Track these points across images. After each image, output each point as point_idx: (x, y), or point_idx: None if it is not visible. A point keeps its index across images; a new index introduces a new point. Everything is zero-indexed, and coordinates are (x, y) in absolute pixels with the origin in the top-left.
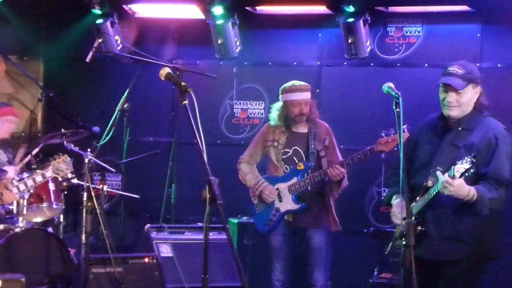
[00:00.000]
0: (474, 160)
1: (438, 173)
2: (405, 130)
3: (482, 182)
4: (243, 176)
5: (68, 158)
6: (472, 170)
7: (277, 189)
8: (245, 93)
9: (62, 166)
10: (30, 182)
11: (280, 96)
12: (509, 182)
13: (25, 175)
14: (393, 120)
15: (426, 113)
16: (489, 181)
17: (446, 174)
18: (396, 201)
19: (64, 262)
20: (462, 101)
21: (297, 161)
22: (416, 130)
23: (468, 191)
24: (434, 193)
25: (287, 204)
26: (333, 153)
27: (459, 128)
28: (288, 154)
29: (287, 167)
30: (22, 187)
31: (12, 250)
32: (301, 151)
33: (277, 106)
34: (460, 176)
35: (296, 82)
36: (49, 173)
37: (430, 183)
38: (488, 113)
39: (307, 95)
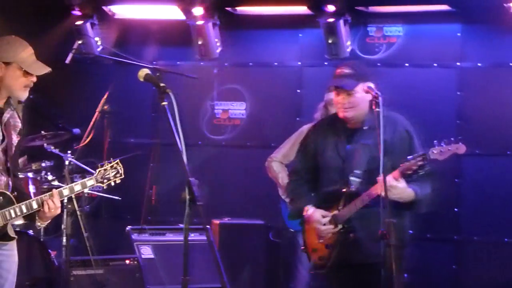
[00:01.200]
0: (426, 157)
1: (380, 178)
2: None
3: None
4: (275, 174)
5: (120, 164)
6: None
7: None
8: (226, 94)
9: (110, 173)
10: (66, 192)
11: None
12: (436, 171)
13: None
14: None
15: (407, 112)
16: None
17: (390, 176)
18: (311, 210)
19: (45, 264)
20: (355, 101)
21: None
22: (310, 137)
23: (410, 192)
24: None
25: None
26: None
27: (364, 128)
28: None
29: None
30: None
31: None
32: None
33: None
34: (412, 174)
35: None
36: (91, 182)
37: (353, 188)
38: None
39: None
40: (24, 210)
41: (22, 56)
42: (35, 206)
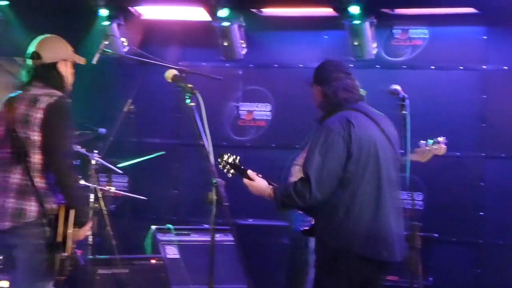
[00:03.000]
0: None
1: None
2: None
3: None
4: (291, 179)
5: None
6: None
7: None
8: (250, 95)
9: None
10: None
11: None
12: (310, 175)
13: None
14: (400, 123)
15: (432, 115)
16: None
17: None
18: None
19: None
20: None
21: None
22: None
23: (265, 189)
24: None
25: None
26: None
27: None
28: None
29: None
30: None
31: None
32: None
33: None
34: None
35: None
36: None
37: None
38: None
39: None
40: None
41: (71, 51)
42: None
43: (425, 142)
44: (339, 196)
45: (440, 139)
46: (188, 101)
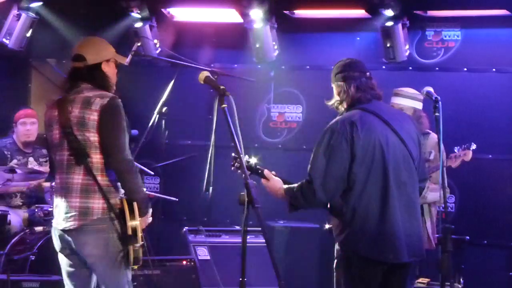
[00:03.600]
0: None
1: None
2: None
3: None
4: None
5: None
6: None
7: None
8: (282, 96)
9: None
10: None
11: None
12: (314, 178)
13: None
14: (433, 124)
15: (464, 117)
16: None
17: None
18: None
19: None
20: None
21: None
22: None
23: (278, 189)
24: None
25: None
26: (433, 168)
27: None
28: None
29: None
30: None
31: (51, 252)
32: None
33: None
34: None
35: (405, 88)
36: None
37: None
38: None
39: (407, 102)
40: None
41: (114, 51)
42: None
43: (458, 147)
44: (346, 197)
45: (473, 146)
46: (220, 103)
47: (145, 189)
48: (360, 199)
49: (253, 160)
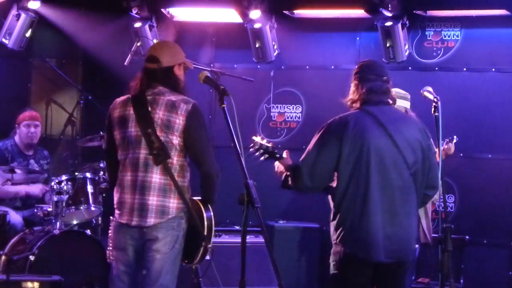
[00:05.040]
0: None
1: None
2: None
3: None
4: None
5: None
6: None
7: None
8: (282, 96)
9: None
10: None
11: None
12: (303, 165)
13: None
14: (432, 124)
15: (464, 117)
16: None
17: None
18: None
19: (102, 264)
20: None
21: None
22: None
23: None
24: None
25: None
26: None
27: None
28: None
29: None
30: None
31: (51, 252)
32: None
33: None
34: None
35: (395, 88)
36: None
37: None
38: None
39: (400, 102)
40: None
41: (184, 56)
42: None
43: (442, 141)
44: (334, 194)
45: (455, 140)
46: (219, 102)
47: None
48: (344, 196)
49: (269, 144)
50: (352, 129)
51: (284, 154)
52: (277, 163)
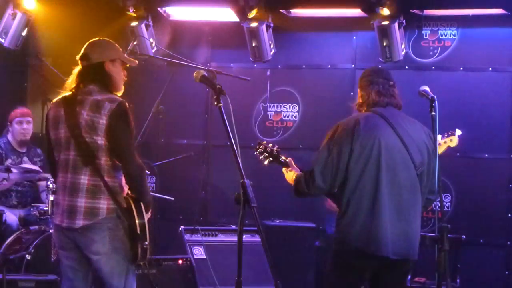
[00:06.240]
0: None
1: None
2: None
3: None
4: None
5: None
6: None
7: None
8: (278, 96)
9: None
10: None
11: None
12: (315, 166)
13: None
14: (429, 123)
15: (461, 116)
16: None
17: None
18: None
19: None
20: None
21: None
22: None
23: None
24: None
25: None
26: None
27: None
28: None
29: None
30: None
31: (47, 251)
32: None
33: None
34: None
35: None
36: None
37: None
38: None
39: None
40: None
41: (121, 52)
42: None
43: (441, 135)
44: (344, 190)
45: (458, 132)
46: (216, 101)
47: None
48: (354, 193)
49: (275, 148)
50: (363, 126)
51: (289, 160)
52: (284, 170)
